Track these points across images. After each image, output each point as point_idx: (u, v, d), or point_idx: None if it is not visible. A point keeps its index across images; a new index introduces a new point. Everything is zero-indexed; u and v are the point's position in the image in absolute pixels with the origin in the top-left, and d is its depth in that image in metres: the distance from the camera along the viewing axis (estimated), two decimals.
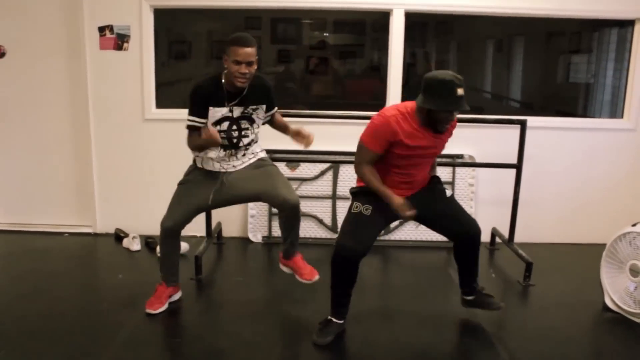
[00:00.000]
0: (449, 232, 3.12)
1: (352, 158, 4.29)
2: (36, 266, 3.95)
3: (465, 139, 4.46)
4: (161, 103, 4.53)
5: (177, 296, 3.43)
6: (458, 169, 4.49)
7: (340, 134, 4.42)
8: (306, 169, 4.48)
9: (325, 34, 5.12)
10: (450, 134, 3.03)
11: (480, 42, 5.28)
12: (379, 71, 4.82)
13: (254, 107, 3.16)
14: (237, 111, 3.12)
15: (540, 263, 3.94)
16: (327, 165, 4.48)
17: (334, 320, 3.05)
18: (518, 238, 4.27)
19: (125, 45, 4.34)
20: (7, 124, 4.56)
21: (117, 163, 4.55)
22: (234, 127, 3.16)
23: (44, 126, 4.55)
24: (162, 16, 4.43)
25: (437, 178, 3.19)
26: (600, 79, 4.97)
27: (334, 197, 4.51)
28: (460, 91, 2.67)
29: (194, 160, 3.34)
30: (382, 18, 4.51)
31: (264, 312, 3.36)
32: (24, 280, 3.70)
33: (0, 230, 4.65)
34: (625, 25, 4.56)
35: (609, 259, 3.48)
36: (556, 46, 5.12)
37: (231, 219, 4.58)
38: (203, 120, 3.09)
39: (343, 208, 4.47)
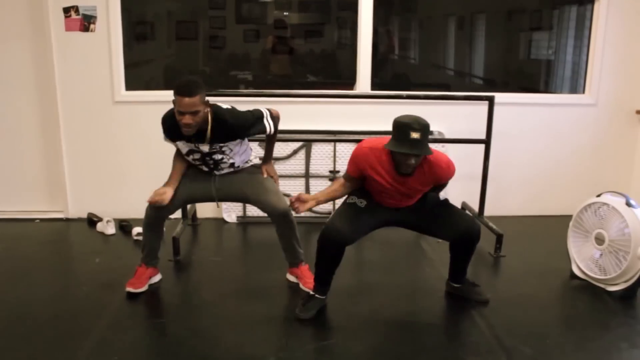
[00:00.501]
0: (449, 234, 3.11)
1: (323, 137, 4.40)
2: (9, 253, 3.90)
3: (435, 115, 4.53)
4: (130, 85, 4.48)
5: (157, 278, 3.45)
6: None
7: (312, 112, 4.48)
8: (279, 148, 4.50)
9: (285, 13, 5.13)
10: (424, 183, 3.00)
11: (442, 19, 5.37)
12: (343, 52, 4.87)
13: (221, 144, 3.13)
14: (204, 147, 3.13)
15: (510, 235, 4.07)
16: (299, 144, 4.52)
17: (317, 295, 3.12)
18: (488, 212, 4.39)
19: (92, 26, 4.27)
20: None
21: (87, 146, 4.50)
22: (207, 158, 3.19)
23: (10, 111, 4.46)
24: None
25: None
26: (560, 55, 5.11)
27: (307, 175, 4.56)
28: (415, 135, 2.71)
29: None
30: None
31: (244, 290, 3.40)
32: None
33: None
34: (584, 3, 4.70)
35: (576, 228, 3.63)
36: (517, 23, 5.24)
37: None
38: (175, 142, 3.20)
39: (315, 186, 4.55)
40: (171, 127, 3.11)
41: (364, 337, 2.90)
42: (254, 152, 3.58)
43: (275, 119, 3.29)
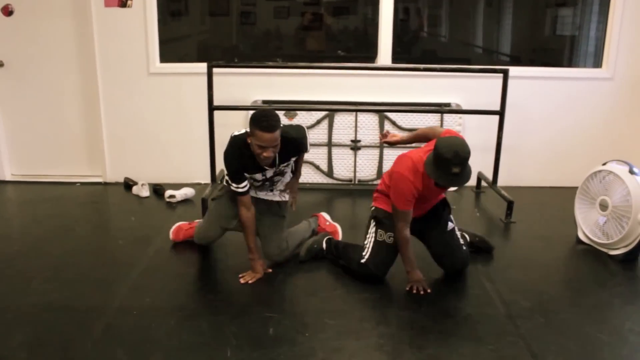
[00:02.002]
0: (439, 260, 3.29)
1: (346, 107, 4.60)
2: (53, 212, 4.25)
3: (454, 88, 4.74)
4: (164, 57, 4.76)
5: None
6: (446, 116, 4.76)
7: (334, 84, 4.69)
8: (303, 118, 4.73)
9: None
10: None
11: None
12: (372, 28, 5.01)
13: (285, 164, 3.21)
14: (269, 172, 3.21)
15: (521, 203, 4.25)
16: (323, 114, 4.73)
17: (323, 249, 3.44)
18: (502, 182, 4.57)
19: (129, 2, 4.55)
20: (18, 81, 4.78)
21: (124, 116, 4.81)
22: (267, 182, 3.29)
23: (54, 82, 4.78)
24: None
25: (448, 206, 3.34)
26: (584, 31, 5.17)
27: (329, 144, 4.78)
28: (455, 170, 2.78)
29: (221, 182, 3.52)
30: None
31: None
32: (43, 224, 4.00)
33: (15, 182, 4.94)
34: None
35: (582, 195, 3.80)
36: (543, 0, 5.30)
37: None
38: (240, 186, 3.10)
39: (338, 154, 4.78)
40: (242, 164, 3.06)
41: (373, 290, 3.12)
42: None
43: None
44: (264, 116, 2.88)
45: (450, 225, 3.30)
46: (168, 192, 4.45)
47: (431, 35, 5.60)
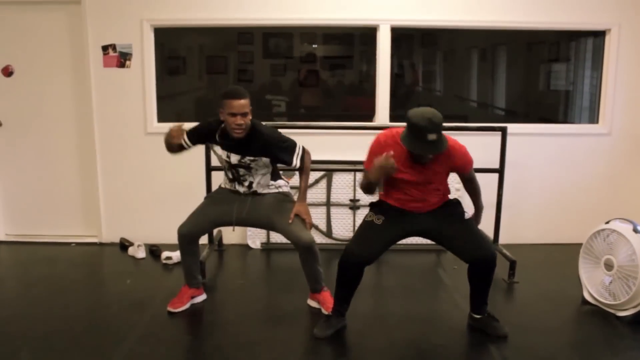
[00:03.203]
0: (464, 253, 3.12)
1: (344, 167, 4.58)
2: (46, 274, 4.15)
3: None
4: (162, 117, 4.76)
5: (200, 298, 3.66)
6: None
7: (333, 143, 4.67)
8: None
9: (314, 46, 5.34)
10: (443, 167, 3.10)
11: (464, 52, 5.53)
12: (367, 84, 5.05)
13: (251, 158, 3.34)
14: (234, 158, 3.35)
15: (523, 262, 4.19)
16: (321, 173, 4.71)
17: (335, 316, 3.28)
18: (503, 239, 4.51)
19: (127, 62, 4.58)
20: (16, 139, 4.77)
21: (121, 175, 4.78)
22: (233, 170, 3.42)
23: (51, 141, 4.77)
24: (157, 32, 4.65)
25: (457, 201, 3.29)
26: (578, 86, 5.22)
27: (328, 204, 4.74)
28: (431, 137, 2.79)
29: (221, 183, 3.65)
30: (369, 31, 4.75)
31: (265, 312, 3.58)
32: (36, 287, 3.90)
33: (9, 242, 4.86)
34: (600, 35, 4.83)
35: (586, 255, 3.74)
36: (537, 55, 5.36)
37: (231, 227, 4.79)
38: (189, 143, 3.44)
39: (337, 214, 4.73)
40: (207, 130, 3.37)
41: (377, 358, 3.03)
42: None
43: (306, 155, 3.46)
44: (233, 87, 3.27)
45: (467, 215, 3.21)
46: (165, 254, 4.38)
47: (426, 90, 5.65)
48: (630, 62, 4.71)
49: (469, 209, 3.32)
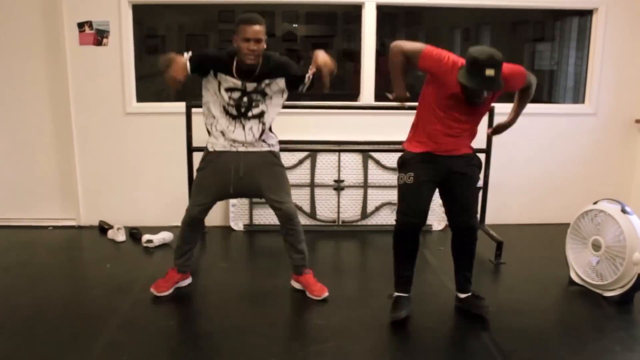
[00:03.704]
0: (450, 214, 3.19)
1: (328, 147, 4.51)
2: (24, 259, 4.03)
3: None
4: (141, 97, 4.62)
5: (186, 282, 3.57)
6: None
7: (316, 123, 4.60)
8: (285, 158, 4.56)
9: (294, 25, 5.24)
10: (488, 106, 3.10)
11: (448, 31, 5.47)
12: (352, 61, 4.97)
13: (267, 82, 3.21)
14: (250, 87, 3.20)
15: (510, 243, 4.16)
16: (304, 154, 4.63)
17: (402, 294, 3.20)
18: (490, 220, 4.49)
19: (104, 40, 4.43)
20: None
21: (99, 156, 4.64)
22: (245, 98, 3.22)
23: (26, 122, 4.61)
24: (135, 10, 4.50)
25: (479, 161, 3.23)
26: (563, 66, 5.20)
27: (312, 184, 4.66)
28: (489, 72, 2.71)
29: (206, 146, 3.40)
30: (353, 10, 4.66)
31: (249, 295, 3.50)
32: (13, 273, 3.78)
33: None
34: (585, 14, 4.80)
35: (573, 235, 3.72)
36: (521, 35, 5.33)
37: (213, 209, 4.67)
38: (190, 61, 3.14)
39: (321, 195, 4.66)
40: (219, 61, 3.19)
41: (363, 340, 2.99)
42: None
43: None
44: (247, 14, 3.12)
45: (480, 183, 3.19)
46: (145, 237, 4.27)
47: (410, 71, 5.58)
48: (617, 42, 4.68)
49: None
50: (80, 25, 4.40)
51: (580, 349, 2.92)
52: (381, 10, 4.58)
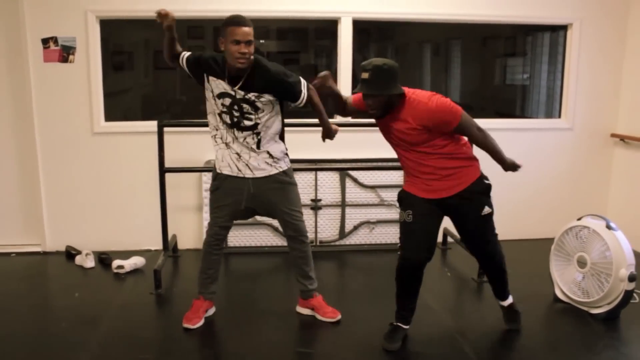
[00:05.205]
0: (472, 251, 3.22)
1: (305, 165, 4.39)
2: None
3: None
4: (108, 114, 4.45)
5: (212, 311, 3.41)
6: None
7: (291, 142, 4.45)
8: None
9: (261, 41, 5.15)
10: (409, 124, 2.85)
11: (418, 46, 5.44)
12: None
13: (256, 94, 3.04)
14: (239, 93, 3.05)
15: None
16: None
17: (401, 325, 3.10)
18: None
19: (71, 57, 4.25)
20: None
21: (65, 178, 4.44)
22: (236, 107, 3.07)
23: None
24: (101, 26, 4.34)
25: (480, 187, 3.08)
26: (535, 80, 5.21)
27: None
28: (364, 75, 2.79)
29: (214, 165, 3.28)
30: (327, 25, 4.58)
31: (227, 322, 3.35)
32: None
33: None
34: (557, 29, 4.81)
35: (558, 252, 3.66)
36: (492, 49, 5.33)
37: (186, 231, 4.55)
38: (185, 58, 3.11)
39: None
40: (213, 64, 3.05)
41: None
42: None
43: (312, 91, 3.15)
44: (235, 15, 2.98)
45: (487, 210, 3.06)
46: (116, 262, 4.08)
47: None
48: (591, 57, 4.70)
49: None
50: (45, 42, 4.21)
51: None
52: (356, 25, 4.51)
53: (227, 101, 3.07)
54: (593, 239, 3.42)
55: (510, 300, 3.30)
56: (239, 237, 4.50)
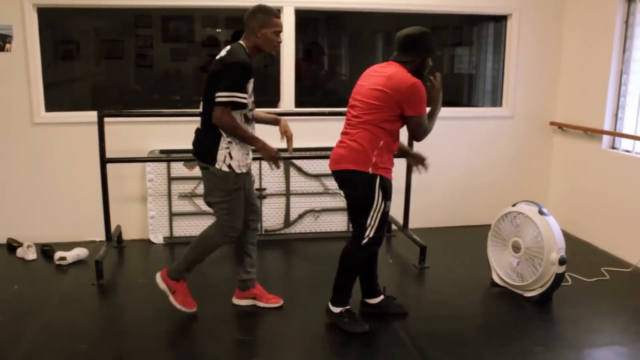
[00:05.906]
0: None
1: None
2: None
3: None
4: (50, 106, 4.37)
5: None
6: None
7: None
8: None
9: (217, 30, 5.11)
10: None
11: (370, 35, 5.47)
12: (273, 68, 4.88)
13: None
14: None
15: (433, 246, 4.19)
16: None
17: (349, 307, 3.17)
18: (413, 224, 4.51)
19: (7, 46, 4.15)
20: None
21: (5, 170, 4.34)
22: (253, 98, 3.12)
23: None
24: (46, 14, 4.26)
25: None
26: (481, 69, 5.30)
27: None
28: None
29: (230, 166, 3.03)
30: None
31: (170, 313, 3.32)
32: None
33: None
34: (500, 20, 4.91)
35: (494, 237, 3.77)
36: (441, 39, 5.39)
37: (131, 221, 4.51)
38: (245, 96, 2.95)
39: None
40: (250, 62, 2.98)
41: (289, 351, 2.92)
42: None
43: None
44: (268, 6, 3.01)
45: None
46: (58, 254, 4.03)
47: (333, 75, 5.57)
48: (531, 46, 4.81)
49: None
50: None
51: (503, 350, 2.95)
52: (301, 14, 4.52)
53: (253, 97, 3.10)
54: (526, 225, 3.52)
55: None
56: (184, 227, 4.49)
